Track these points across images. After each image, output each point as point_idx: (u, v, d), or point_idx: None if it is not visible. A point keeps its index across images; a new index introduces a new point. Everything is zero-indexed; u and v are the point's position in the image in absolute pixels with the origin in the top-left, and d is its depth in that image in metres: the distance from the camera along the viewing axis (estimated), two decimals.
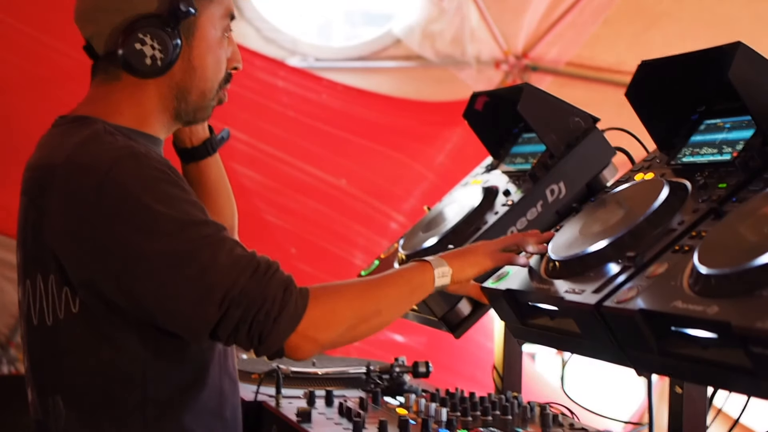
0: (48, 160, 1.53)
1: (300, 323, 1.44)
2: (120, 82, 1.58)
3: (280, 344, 1.44)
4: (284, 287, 1.44)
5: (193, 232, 1.43)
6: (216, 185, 1.87)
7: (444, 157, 5.09)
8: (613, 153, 1.91)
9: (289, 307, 1.43)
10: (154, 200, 1.43)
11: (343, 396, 1.97)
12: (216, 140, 1.85)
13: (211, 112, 1.67)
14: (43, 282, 1.53)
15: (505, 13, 5.25)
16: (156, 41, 1.53)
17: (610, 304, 1.35)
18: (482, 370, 2.61)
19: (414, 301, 1.61)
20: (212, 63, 1.61)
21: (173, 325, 1.46)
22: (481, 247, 1.65)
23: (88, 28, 1.59)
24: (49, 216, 1.49)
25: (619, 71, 4.93)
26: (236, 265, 1.42)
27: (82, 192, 1.45)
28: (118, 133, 1.53)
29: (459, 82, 5.31)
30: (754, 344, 1.10)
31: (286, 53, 5.45)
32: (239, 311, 1.41)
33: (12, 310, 5.00)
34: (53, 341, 1.53)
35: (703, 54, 1.56)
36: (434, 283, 1.59)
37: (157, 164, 1.48)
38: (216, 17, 1.61)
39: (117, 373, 1.51)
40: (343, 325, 1.49)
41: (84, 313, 1.49)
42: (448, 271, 1.60)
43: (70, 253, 1.47)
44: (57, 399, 1.53)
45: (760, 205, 1.30)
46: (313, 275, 4.84)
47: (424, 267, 1.60)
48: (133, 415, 1.51)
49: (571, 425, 1.75)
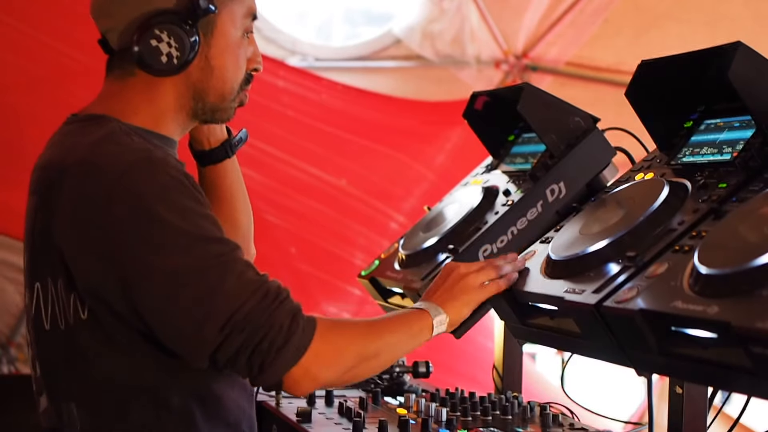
0: (59, 160, 1.47)
1: (304, 356, 1.39)
2: (135, 78, 1.53)
3: (280, 376, 1.38)
4: (292, 316, 1.38)
5: (203, 250, 1.37)
6: (232, 189, 1.80)
7: (444, 157, 5.09)
8: (613, 153, 1.91)
9: (295, 337, 1.38)
10: (167, 211, 1.37)
11: (343, 396, 1.97)
12: (234, 141, 1.78)
13: (233, 113, 1.62)
14: (54, 286, 1.48)
15: (505, 13, 5.25)
16: (173, 38, 1.48)
17: (610, 304, 1.35)
18: (482, 370, 2.61)
19: (412, 346, 1.58)
20: (231, 63, 1.57)
21: (172, 344, 1.42)
22: (465, 283, 1.62)
23: (104, 22, 1.54)
24: (58, 217, 1.44)
25: (619, 71, 4.93)
26: (245, 289, 1.36)
27: (93, 195, 1.40)
28: (134, 134, 1.48)
29: (459, 82, 5.31)
30: (754, 344, 1.10)
31: (286, 53, 5.46)
32: (242, 337, 1.35)
33: (12, 310, 5.01)
34: (66, 347, 1.48)
35: (703, 54, 1.56)
36: (432, 331, 1.58)
37: (173, 171, 1.42)
38: (237, 16, 1.56)
39: (129, 383, 1.46)
40: (345, 364, 1.45)
41: (93, 321, 1.44)
42: (445, 318, 1.59)
43: (76, 258, 1.43)
44: (71, 406, 1.48)
45: (760, 205, 1.30)
46: (313, 275, 4.85)
47: (422, 314, 1.58)
48: (150, 424, 1.47)
49: (571, 425, 1.75)
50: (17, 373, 5.02)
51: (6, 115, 4.24)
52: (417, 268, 1.92)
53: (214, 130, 1.76)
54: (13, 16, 4.11)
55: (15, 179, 4.41)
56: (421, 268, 1.91)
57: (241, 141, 1.79)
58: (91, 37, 1.64)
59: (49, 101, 4.24)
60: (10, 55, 4.17)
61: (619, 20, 5.09)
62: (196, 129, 1.74)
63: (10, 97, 4.22)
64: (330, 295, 4.88)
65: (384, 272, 2.04)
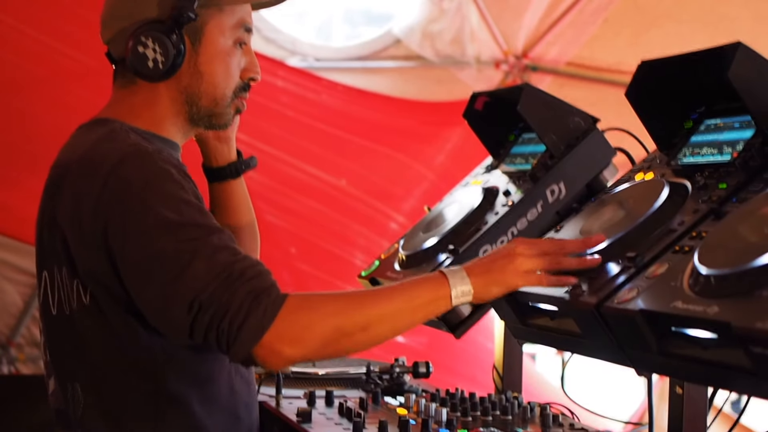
0: (65, 159, 1.60)
1: (265, 335, 1.39)
2: (136, 85, 1.65)
3: (246, 353, 1.40)
4: (254, 295, 1.40)
5: (181, 234, 1.44)
6: (238, 207, 1.91)
7: (444, 157, 5.09)
8: (613, 153, 1.91)
9: (253, 317, 1.39)
10: (151, 197, 1.46)
11: (344, 396, 1.97)
12: (242, 164, 1.90)
13: (231, 120, 1.70)
14: (59, 273, 1.58)
15: (505, 13, 5.25)
16: (157, 44, 1.59)
17: (611, 304, 1.36)
18: (482, 370, 2.61)
19: (422, 316, 1.49)
20: (221, 70, 1.66)
21: (154, 322, 1.49)
22: (511, 262, 1.51)
23: (106, 35, 1.66)
24: (60, 209, 1.55)
25: (618, 71, 4.93)
26: (211, 270, 1.41)
27: (90, 187, 1.50)
28: (133, 133, 1.59)
29: (459, 82, 5.31)
30: (754, 344, 1.10)
31: (286, 53, 5.46)
32: (207, 317, 1.40)
33: (12, 310, 5.01)
34: (71, 331, 1.57)
35: (703, 54, 1.56)
36: (452, 301, 1.49)
37: (162, 163, 1.51)
38: (226, 27, 1.65)
39: (129, 365, 1.54)
40: (315, 340, 1.42)
41: (94, 305, 1.53)
42: (469, 291, 1.49)
43: (76, 245, 1.52)
44: (76, 387, 1.58)
45: (760, 206, 1.30)
46: (313, 275, 4.85)
47: (439, 282, 1.49)
48: (146, 407, 1.55)
49: (571, 425, 1.75)
50: (17, 373, 5.02)
51: (6, 115, 4.25)
52: (417, 269, 1.92)
53: (222, 150, 1.89)
54: (13, 16, 4.11)
55: (15, 179, 4.42)
56: (421, 268, 1.91)
57: (248, 166, 1.91)
58: (91, 38, 1.68)
59: (49, 101, 4.25)
60: (10, 55, 4.18)
61: (619, 20, 5.09)
62: (207, 147, 1.89)
63: (10, 97, 4.22)
64: None
65: (384, 273, 2.04)
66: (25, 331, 5.07)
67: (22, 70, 4.25)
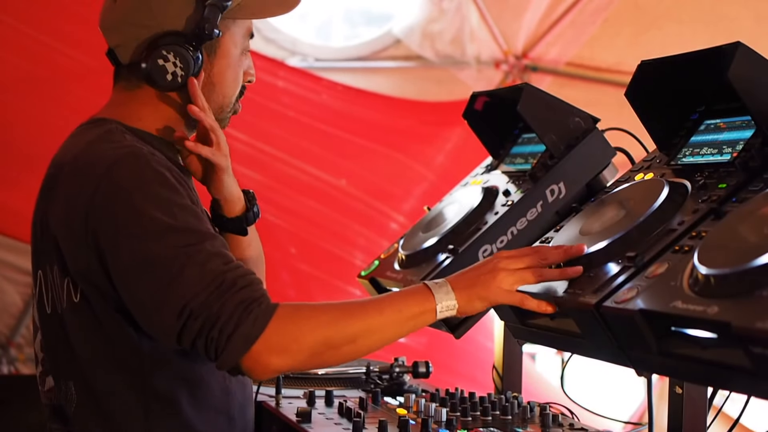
0: (61, 159, 1.60)
1: (254, 345, 1.39)
2: (141, 90, 1.64)
3: (234, 363, 1.41)
4: (245, 305, 1.40)
5: (173, 239, 1.43)
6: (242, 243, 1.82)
7: (444, 157, 5.09)
8: (613, 153, 1.91)
9: (243, 327, 1.39)
10: (144, 201, 1.45)
11: (343, 396, 1.97)
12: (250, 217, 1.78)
13: (228, 123, 1.73)
14: (51, 272, 1.59)
15: (505, 13, 5.25)
16: (179, 59, 1.59)
17: (610, 304, 1.36)
18: (482, 370, 2.61)
19: (408, 329, 1.51)
20: (231, 79, 1.69)
21: (143, 326, 1.50)
22: (493, 280, 1.51)
23: (114, 38, 1.64)
24: (53, 209, 1.56)
25: (618, 71, 4.93)
26: (203, 278, 1.41)
27: (82, 188, 1.49)
28: (129, 133, 1.59)
29: (459, 82, 5.31)
30: (754, 344, 1.10)
31: (286, 53, 5.45)
32: (197, 324, 1.40)
33: (12, 310, 5.01)
34: (62, 328, 1.58)
35: (703, 54, 1.56)
36: (436, 315, 1.50)
37: (157, 165, 1.50)
38: (238, 37, 1.68)
39: (118, 364, 1.55)
40: (303, 351, 1.43)
41: (84, 304, 1.54)
42: (453, 305, 1.50)
43: (67, 244, 1.53)
44: (69, 384, 1.59)
45: (760, 205, 1.30)
46: (313, 275, 4.85)
47: (425, 296, 1.50)
48: (137, 407, 1.55)
49: (571, 425, 1.75)
50: (17, 373, 5.02)
51: (6, 115, 4.25)
52: (417, 269, 1.92)
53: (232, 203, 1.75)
54: (13, 16, 4.11)
55: (14, 179, 4.42)
56: (420, 268, 1.91)
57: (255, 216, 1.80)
58: (91, 38, 1.68)
59: (49, 101, 4.25)
60: (10, 55, 4.18)
61: (619, 20, 5.08)
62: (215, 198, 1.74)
63: (10, 97, 4.22)
64: (330, 296, 4.87)
65: (384, 272, 2.04)
66: (25, 331, 5.07)
67: (22, 70, 4.25)
